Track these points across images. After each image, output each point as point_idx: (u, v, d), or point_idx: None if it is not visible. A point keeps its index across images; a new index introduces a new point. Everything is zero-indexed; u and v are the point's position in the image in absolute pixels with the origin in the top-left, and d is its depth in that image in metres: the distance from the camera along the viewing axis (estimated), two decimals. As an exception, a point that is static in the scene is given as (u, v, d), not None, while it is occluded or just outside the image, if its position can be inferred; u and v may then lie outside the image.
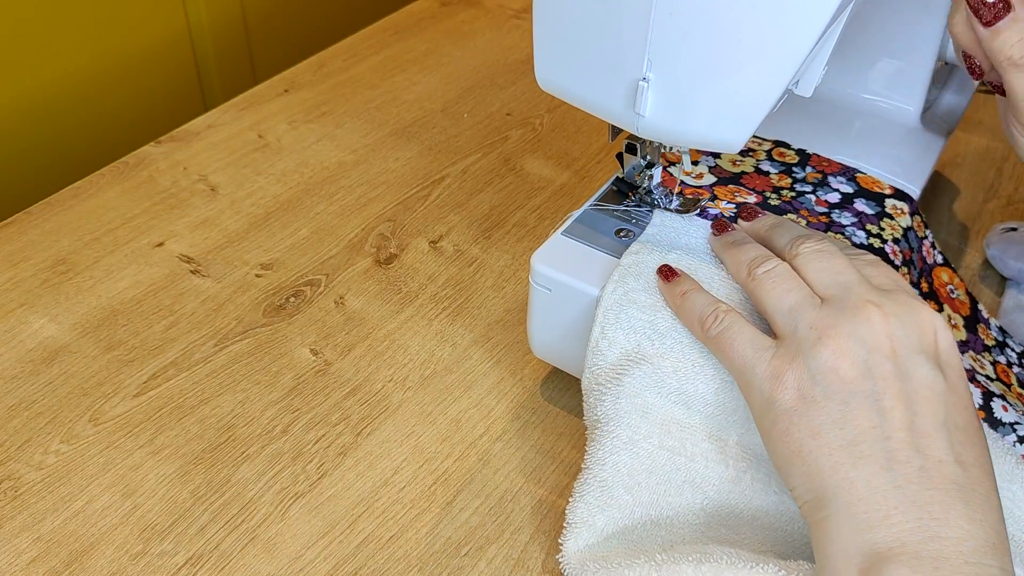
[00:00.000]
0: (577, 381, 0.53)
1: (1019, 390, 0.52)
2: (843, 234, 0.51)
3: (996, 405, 0.48)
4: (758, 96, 0.41)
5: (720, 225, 0.49)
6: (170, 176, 0.70)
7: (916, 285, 0.53)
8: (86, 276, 0.61)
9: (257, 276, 0.61)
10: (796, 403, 0.40)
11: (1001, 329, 0.56)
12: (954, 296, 0.55)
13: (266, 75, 0.83)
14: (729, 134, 0.43)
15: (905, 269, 0.52)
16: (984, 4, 0.45)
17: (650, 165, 0.50)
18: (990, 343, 0.54)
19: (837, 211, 0.53)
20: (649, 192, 0.51)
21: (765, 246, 0.46)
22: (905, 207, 0.54)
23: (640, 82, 0.43)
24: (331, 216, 0.66)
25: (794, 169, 0.55)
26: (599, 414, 0.46)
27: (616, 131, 0.51)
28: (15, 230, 0.65)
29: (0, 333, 0.57)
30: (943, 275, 0.56)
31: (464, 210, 0.67)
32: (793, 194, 0.54)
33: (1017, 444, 0.47)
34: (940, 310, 0.53)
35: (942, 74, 0.66)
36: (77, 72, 0.86)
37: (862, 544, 0.38)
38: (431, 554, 0.46)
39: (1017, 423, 0.47)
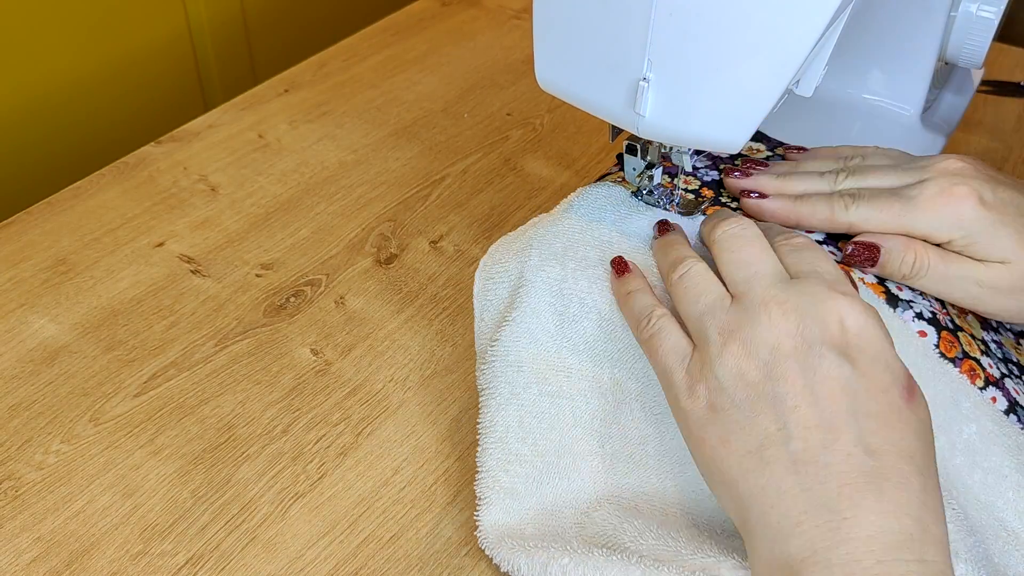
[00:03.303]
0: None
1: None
2: None
3: (892, 284, 0.48)
4: (758, 96, 0.41)
5: (662, 227, 0.49)
6: (170, 176, 0.70)
7: None
8: (86, 276, 0.61)
9: (257, 276, 0.61)
10: (707, 412, 0.40)
11: None
12: None
13: (266, 75, 0.83)
14: (729, 134, 0.43)
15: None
16: (852, 259, 0.47)
17: (650, 165, 0.50)
18: None
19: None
20: (650, 192, 0.51)
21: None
22: None
23: (640, 82, 0.43)
24: (331, 216, 0.66)
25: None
26: (482, 382, 0.48)
27: (616, 131, 0.51)
28: (15, 230, 0.65)
29: (0, 333, 0.57)
30: None
31: (464, 210, 0.67)
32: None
33: (915, 320, 0.46)
34: None
35: (942, 74, 0.66)
36: (77, 72, 0.86)
37: (778, 556, 0.36)
38: (431, 554, 0.46)
39: (912, 301, 0.47)
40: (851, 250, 0.47)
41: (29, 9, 0.80)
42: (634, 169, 0.51)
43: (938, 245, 0.47)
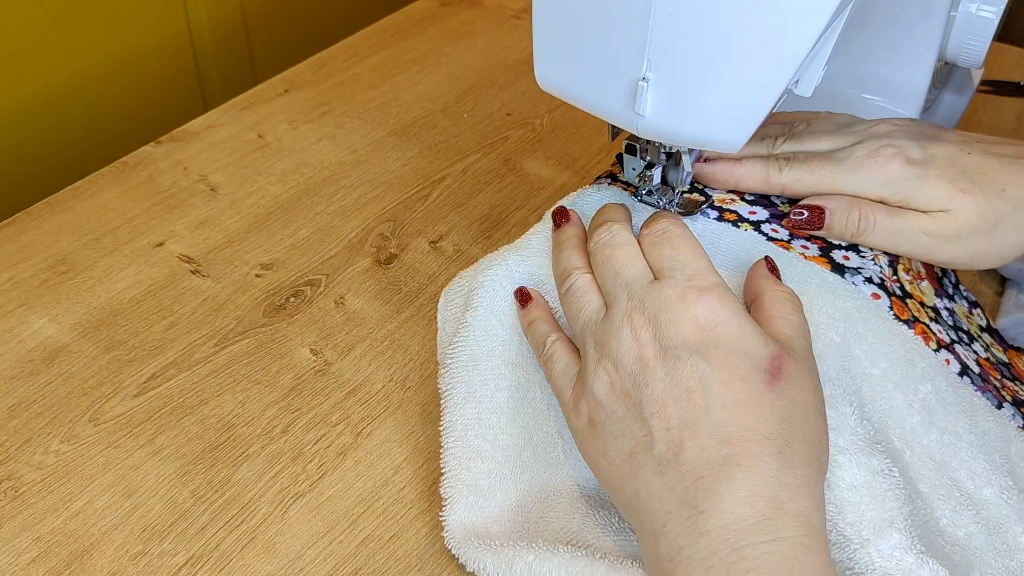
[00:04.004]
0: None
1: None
2: None
3: (838, 255, 0.48)
4: (758, 96, 0.41)
5: (556, 216, 0.49)
6: (170, 176, 0.70)
7: None
8: (86, 276, 0.61)
9: (257, 276, 0.61)
10: (588, 427, 0.41)
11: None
12: None
13: (266, 75, 0.83)
14: (729, 134, 0.43)
15: None
16: (801, 223, 0.48)
17: (650, 165, 0.50)
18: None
19: None
20: (650, 192, 0.51)
21: None
22: None
23: (640, 82, 0.43)
24: (331, 216, 0.66)
25: None
26: (441, 387, 0.48)
27: (616, 131, 0.51)
28: (15, 230, 0.65)
29: (0, 333, 0.57)
30: None
31: (464, 210, 0.67)
32: None
33: (865, 283, 0.47)
34: None
35: (942, 74, 0.66)
36: (77, 72, 0.86)
37: (654, 558, 0.37)
38: (431, 554, 0.46)
39: (861, 268, 0.48)
40: (796, 215, 0.48)
41: (29, 9, 0.80)
42: (634, 169, 0.51)
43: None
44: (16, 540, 0.46)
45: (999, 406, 0.47)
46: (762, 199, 0.51)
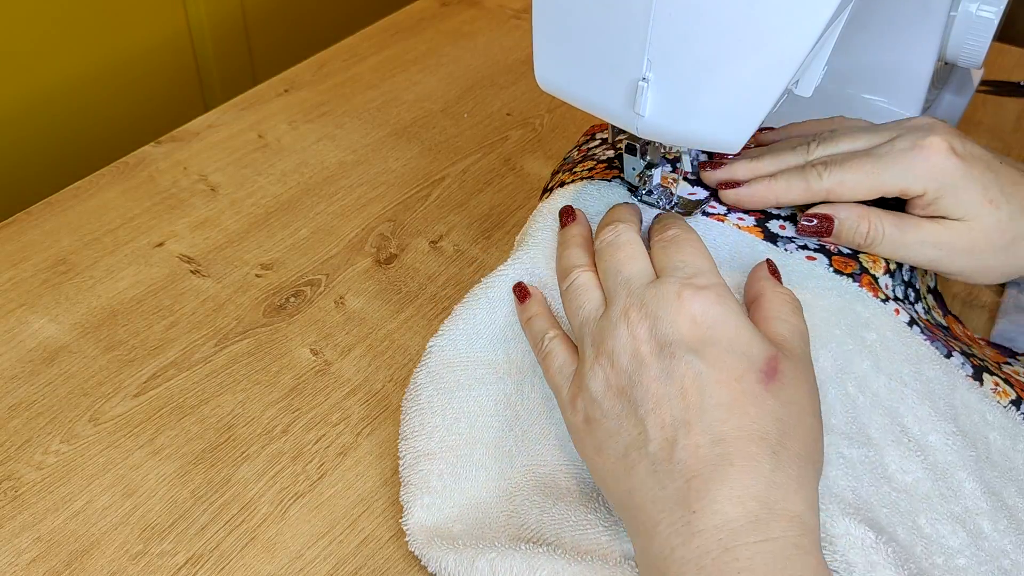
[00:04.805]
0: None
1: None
2: None
3: (773, 224, 0.49)
4: (758, 96, 0.41)
5: (563, 215, 0.50)
6: (170, 176, 0.70)
7: None
8: (86, 276, 0.61)
9: (257, 276, 0.61)
10: (584, 424, 0.41)
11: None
12: None
13: (266, 75, 0.83)
14: (729, 134, 0.43)
15: None
16: (810, 229, 0.48)
17: (650, 166, 0.50)
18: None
19: None
20: (650, 192, 0.51)
21: None
22: None
23: (640, 82, 0.43)
24: (331, 216, 0.66)
25: None
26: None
27: (616, 131, 0.51)
28: (15, 230, 0.65)
29: (0, 333, 0.57)
30: None
31: (464, 210, 0.67)
32: None
33: (799, 249, 0.48)
34: None
35: (942, 74, 0.66)
36: (77, 72, 0.86)
37: (648, 559, 0.37)
38: (431, 554, 0.46)
39: (795, 237, 0.48)
40: (805, 221, 0.48)
41: (29, 9, 0.80)
42: (633, 169, 0.51)
43: (910, 200, 0.47)
44: (16, 540, 0.46)
45: (948, 355, 0.47)
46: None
